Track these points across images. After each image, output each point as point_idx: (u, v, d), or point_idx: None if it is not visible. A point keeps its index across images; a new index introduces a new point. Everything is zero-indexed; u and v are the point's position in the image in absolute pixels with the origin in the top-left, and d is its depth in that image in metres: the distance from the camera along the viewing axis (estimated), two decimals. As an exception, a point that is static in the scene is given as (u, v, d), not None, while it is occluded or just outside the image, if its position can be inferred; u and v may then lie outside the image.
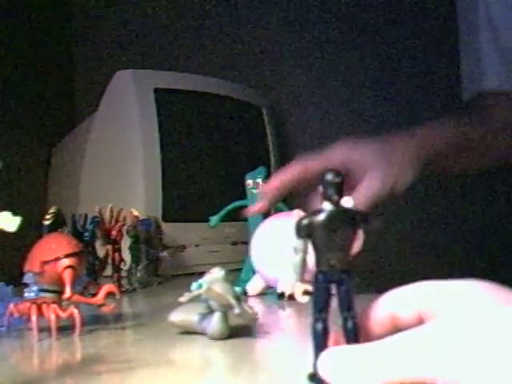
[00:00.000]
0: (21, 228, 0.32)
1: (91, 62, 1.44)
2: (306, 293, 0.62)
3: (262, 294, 0.72)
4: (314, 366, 0.32)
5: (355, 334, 0.31)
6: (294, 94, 1.43)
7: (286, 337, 0.52)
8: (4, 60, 1.14)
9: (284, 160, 1.30)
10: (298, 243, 0.33)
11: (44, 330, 0.50)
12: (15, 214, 0.32)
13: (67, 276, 0.50)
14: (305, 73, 1.43)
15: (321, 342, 0.31)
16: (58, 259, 0.51)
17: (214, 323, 0.47)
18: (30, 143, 1.17)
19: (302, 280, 0.41)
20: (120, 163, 1.07)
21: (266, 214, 0.75)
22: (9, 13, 1.17)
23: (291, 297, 0.64)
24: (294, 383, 0.35)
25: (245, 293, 0.69)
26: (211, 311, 0.47)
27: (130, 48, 1.44)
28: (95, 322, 0.56)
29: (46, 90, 1.29)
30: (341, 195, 0.31)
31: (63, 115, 1.35)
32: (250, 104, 1.26)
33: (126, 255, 0.87)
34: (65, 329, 0.51)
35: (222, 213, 0.85)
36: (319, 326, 0.31)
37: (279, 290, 0.67)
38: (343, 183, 0.31)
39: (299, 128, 1.42)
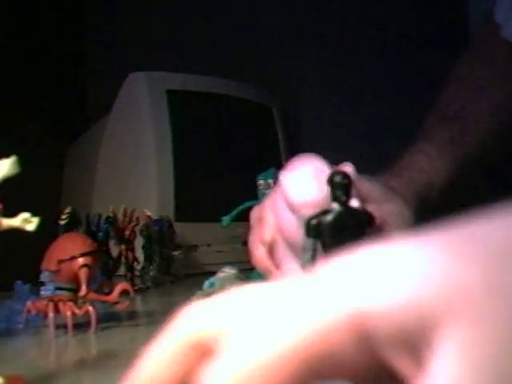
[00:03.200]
0: (37, 228, 0.33)
1: (104, 64, 1.46)
2: None
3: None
4: None
5: None
6: (305, 94, 1.44)
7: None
8: (18, 64, 1.15)
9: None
10: (307, 243, 0.34)
11: (60, 326, 0.52)
12: (31, 214, 0.34)
13: (83, 274, 0.52)
14: (316, 73, 1.43)
15: None
16: (73, 258, 0.52)
17: (226, 321, 0.48)
18: (45, 145, 1.19)
19: None
20: (133, 164, 1.09)
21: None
22: (24, 17, 1.19)
23: None
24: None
25: None
26: (223, 309, 0.48)
27: (143, 50, 1.45)
28: (109, 319, 0.57)
29: (60, 93, 1.31)
30: (349, 196, 0.32)
31: (77, 117, 1.37)
32: (261, 105, 1.27)
33: (139, 254, 0.88)
34: (80, 326, 0.53)
35: (234, 213, 0.86)
36: None
37: None
38: (351, 184, 0.32)
39: (310, 128, 1.43)
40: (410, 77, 1.38)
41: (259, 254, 0.51)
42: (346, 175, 0.32)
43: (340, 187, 0.32)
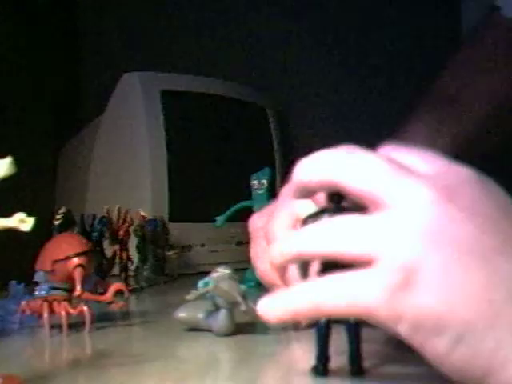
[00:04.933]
0: (31, 228, 0.34)
1: (98, 64, 1.46)
2: None
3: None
4: (317, 358, 0.33)
5: (357, 330, 0.33)
6: (299, 94, 1.44)
7: (291, 333, 0.53)
8: (11, 62, 1.15)
9: (289, 160, 1.32)
10: None
11: (55, 326, 0.52)
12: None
13: (77, 274, 0.52)
14: (310, 74, 1.44)
15: (323, 336, 0.33)
16: (68, 258, 0.52)
17: (220, 320, 0.48)
18: (38, 145, 1.18)
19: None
20: (127, 164, 1.09)
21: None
22: (15, 15, 1.18)
23: None
24: (299, 379, 0.36)
25: None
26: (217, 308, 0.48)
27: (137, 50, 1.45)
28: (104, 319, 0.57)
29: (54, 92, 1.31)
30: (342, 195, 0.32)
31: (71, 117, 1.37)
32: (255, 105, 1.27)
33: (133, 254, 0.88)
34: (75, 325, 0.53)
35: (228, 213, 0.86)
36: (322, 320, 0.33)
37: None
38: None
39: (304, 129, 1.43)
40: (409, 77, 1.39)
41: (263, 268, 0.51)
42: None
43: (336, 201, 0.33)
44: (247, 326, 0.50)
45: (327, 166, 0.31)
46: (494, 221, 0.29)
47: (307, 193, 0.33)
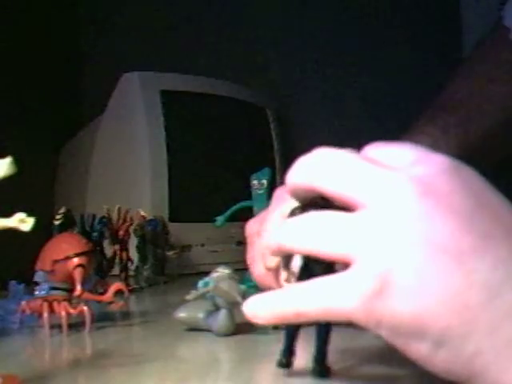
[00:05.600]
0: (31, 228, 0.34)
1: (98, 64, 1.46)
2: None
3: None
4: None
5: (327, 330, 0.33)
6: (299, 95, 1.44)
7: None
8: (12, 62, 1.15)
9: (289, 161, 1.31)
10: None
11: (55, 326, 0.52)
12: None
13: (77, 274, 0.52)
14: (310, 74, 1.44)
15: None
16: (68, 258, 0.52)
17: (220, 320, 0.48)
18: (38, 145, 1.18)
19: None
20: (127, 164, 1.09)
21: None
22: (15, 15, 1.18)
23: None
24: (299, 378, 0.36)
25: None
26: (217, 308, 0.48)
27: (138, 50, 1.45)
28: (104, 319, 0.57)
29: (54, 92, 1.31)
30: None
31: (71, 116, 1.37)
32: (255, 105, 1.27)
33: (133, 254, 0.88)
34: (75, 325, 0.53)
35: (228, 213, 0.86)
36: (291, 328, 0.33)
37: None
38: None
39: (304, 129, 1.43)
40: (408, 78, 1.39)
41: (259, 271, 0.51)
42: None
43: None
44: (247, 326, 0.50)
45: (305, 171, 0.32)
46: (471, 215, 0.27)
47: (298, 196, 0.33)
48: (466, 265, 0.26)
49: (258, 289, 0.64)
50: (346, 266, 0.28)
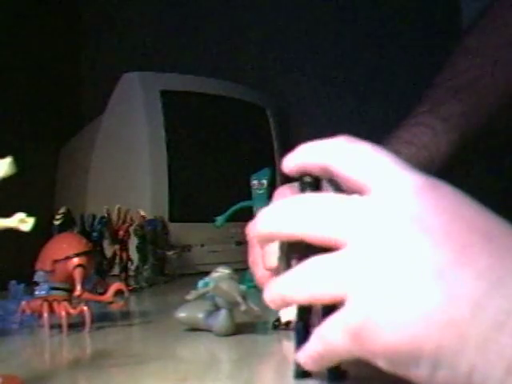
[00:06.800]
0: (31, 228, 0.34)
1: (98, 63, 1.46)
2: None
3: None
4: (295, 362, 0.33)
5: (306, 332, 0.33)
6: (299, 94, 1.44)
7: (290, 333, 0.53)
8: (12, 62, 1.15)
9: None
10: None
11: (55, 326, 0.52)
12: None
13: (77, 274, 0.52)
14: (310, 74, 1.44)
15: (302, 340, 0.32)
16: (68, 258, 0.52)
17: (221, 320, 0.48)
18: (38, 144, 1.18)
19: None
20: (127, 164, 1.09)
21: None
22: (15, 14, 1.18)
23: None
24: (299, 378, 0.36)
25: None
26: (217, 308, 0.48)
27: (138, 50, 1.45)
28: (104, 319, 0.57)
29: (54, 92, 1.31)
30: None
31: (71, 116, 1.37)
32: (255, 105, 1.27)
33: (133, 254, 0.88)
34: (75, 325, 0.53)
35: (228, 213, 0.86)
36: (300, 324, 0.33)
37: None
38: (319, 181, 0.33)
39: (304, 129, 1.43)
40: (410, 76, 1.39)
41: (261, 274, 0.50)
42: (313, 175, 0.33)
43: (309, 186, 0.33)
44: (247, 326, 0.50)
45: (325, 150, 0.32)
46: (446, 230, 0.27)
47: (304, 172, 0.33)
48: (445, 280, 0.26)
49: (258, 289, 0.63)
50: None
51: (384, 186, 0.29)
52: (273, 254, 0.39)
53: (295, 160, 0.34)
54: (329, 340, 0.28)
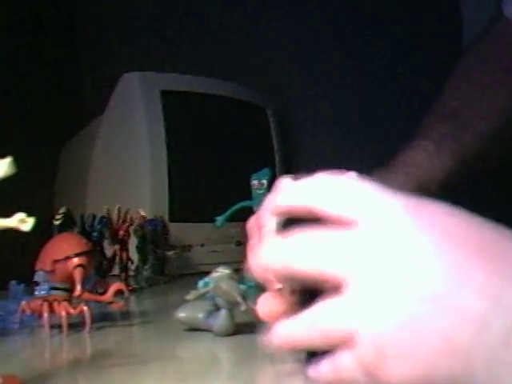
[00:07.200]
0: (32, 228, 0.34)
1: (99, 63, 1.46)
2: None
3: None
4: None
5: None
6: (299, 95, 1.44)
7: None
8: (13, 62, 1.15)
9: (288, 160, 1.32)
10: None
11: (55, 326, 0.52)
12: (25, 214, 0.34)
13: (77, 274, 0.52)
14: (310, 74, 1.44)
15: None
16: (68, 258, 0.52)
17: (221, 320, 0.48)
18: (38, 144, 1.18)
19: None
20: (127, 164, 1.09)
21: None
22: (15, 16, 1.18)
23: None
24: (297, 378, 0.36)
25: None
26: (217, 308, 0.48)
27: (138, 50, 1.45)
28: (104, 319, 0.57)
29: (54, 91, 1.31)
30: None
31: (71, 116, 1.37)
32: (255, 105, 1.27)
33: (134, 255, 0.88)
34: (75, 325, 0.53)
35: (228, 213, 0.86)
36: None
37: None
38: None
39: (303, 129, 1.43)
40: (408, 77, 1.39)
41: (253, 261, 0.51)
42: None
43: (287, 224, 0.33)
44: (247, 326, 0.50)
45: (304, 192, 0.31)
46: (436, 250, 0.27)
47: (286, 215, 0.33)
48: (444, 304, 0.26)
49: (258, 289, 0.64)
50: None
51: (371, 217, 0.29)
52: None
53: (282, 205, 0.33)
54: (342, 372, 0.28)
